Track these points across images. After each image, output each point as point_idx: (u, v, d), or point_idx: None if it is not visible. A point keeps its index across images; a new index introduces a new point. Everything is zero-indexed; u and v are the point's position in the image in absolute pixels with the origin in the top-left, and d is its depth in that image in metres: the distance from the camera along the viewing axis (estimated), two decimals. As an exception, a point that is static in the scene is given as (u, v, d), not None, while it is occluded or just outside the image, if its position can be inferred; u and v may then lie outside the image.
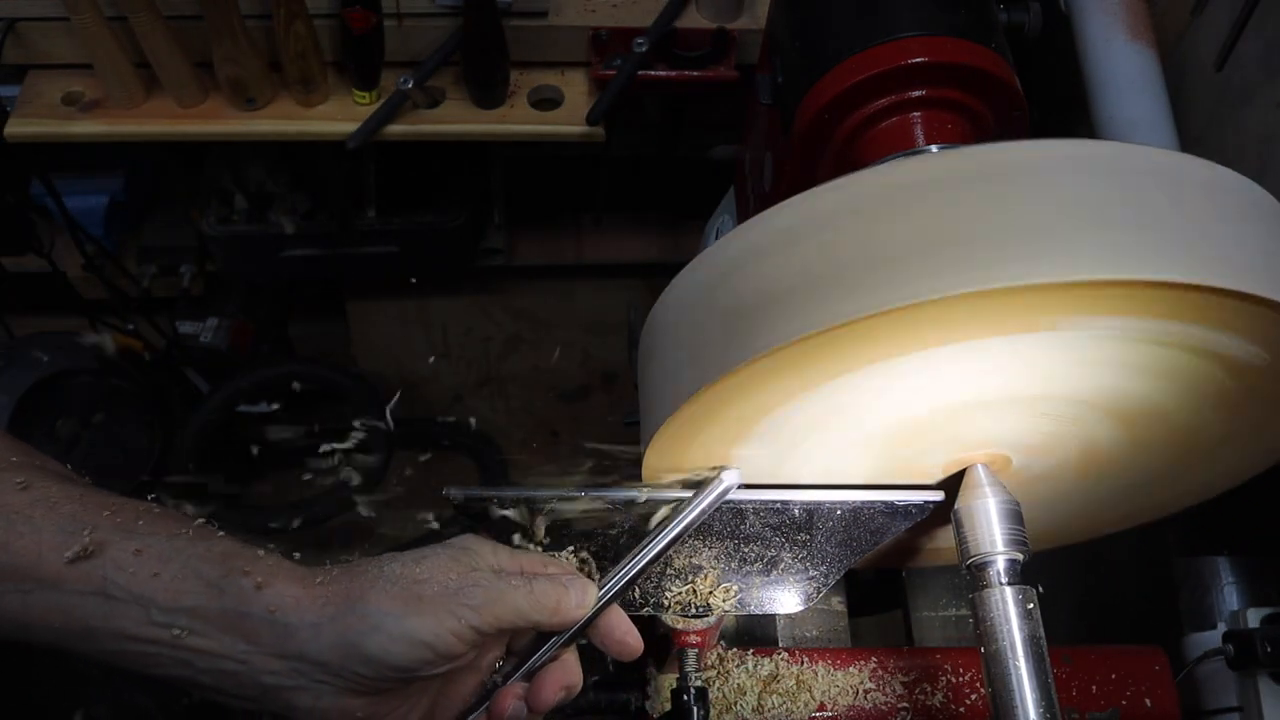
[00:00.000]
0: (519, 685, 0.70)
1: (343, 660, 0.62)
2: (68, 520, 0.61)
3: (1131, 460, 0.77)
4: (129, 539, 0.61)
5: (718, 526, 0.76)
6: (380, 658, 0.62)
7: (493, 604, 0.65)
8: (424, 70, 1.35)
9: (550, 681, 0.70)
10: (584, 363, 2.27)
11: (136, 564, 0.61)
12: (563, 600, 0.68)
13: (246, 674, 0.63)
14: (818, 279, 0.57)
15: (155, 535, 0.62)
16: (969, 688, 0.89)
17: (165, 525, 0.63)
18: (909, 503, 0.76)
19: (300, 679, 0.63)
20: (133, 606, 0.60)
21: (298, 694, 0.63)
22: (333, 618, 0.62)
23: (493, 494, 0.74)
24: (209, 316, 1.93)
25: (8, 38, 1.31)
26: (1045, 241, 0.54)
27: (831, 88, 0.82)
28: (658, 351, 0.68)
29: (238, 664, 0.62)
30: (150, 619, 0.61)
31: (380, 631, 0.62)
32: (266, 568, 0.63)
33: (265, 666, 0.62)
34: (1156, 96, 1.02)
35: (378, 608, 0.63)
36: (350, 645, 0.62)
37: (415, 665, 0.63)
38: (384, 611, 0.62)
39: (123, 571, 0.60)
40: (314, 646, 0.62)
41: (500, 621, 0.66)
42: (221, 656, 0.62)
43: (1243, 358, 0.62)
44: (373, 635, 0.62)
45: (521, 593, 0.66)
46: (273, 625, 0.62)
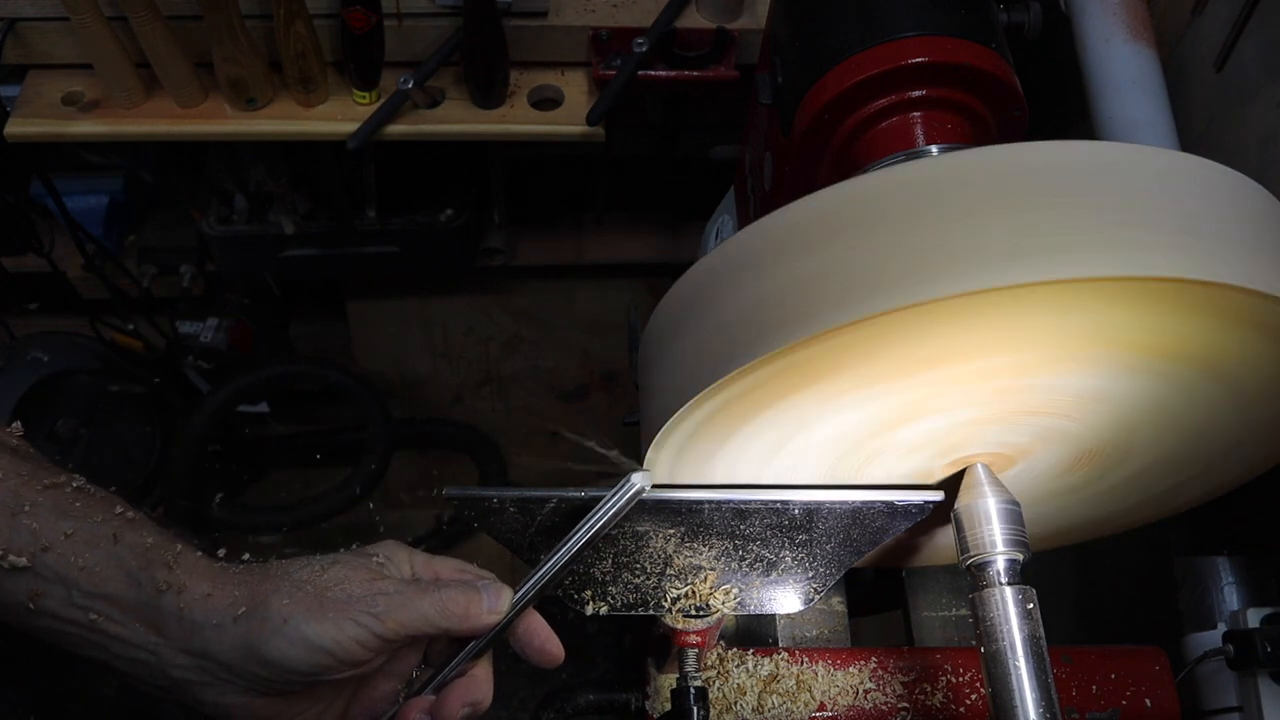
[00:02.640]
0: (426, 699, 0.70)
1: (244, 661, 0.63)
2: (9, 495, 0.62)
3: (1132, 460, 0.77)
4: (62, 520, 0.63)
5: (719, 526, 0.76)
6: (279, 661, 0.63)
7: (397, 611, 0.65)
8: (424, 70, 1.35)
9: (455, 697, 0.69)
10: (584, 363, 2.27)
11: (65, 546, 0.62)
12: (472, 605, 0.68)
13: (156, 665, 0.64)
14: (818, 282, 0.57)
15: (87, 520, 0.64)
16: (969, 688, 0.89)
17: (98, 510, 0.65)
18: (909, 503, 0.76)
19: (205, 675, 0.64)
20: (57, 586, 0.62)
21: (204, 689, 0.65)
22: (236, 619, 0.63)
23: (492, 494, 0.74)
24: (209, 316, 1.93)
25: (8, 38, 1.31)
26: (1045, 240, 0.54)
27: (831, 88, 0.82)
28: (659, 353, 0.68)
29: (148, 654, 0.64)
30: (71, 600, 0.62)
31: (280, 635, 0.63)
32: (184, 563, 0.64)
33: (173, 660, 0.64)
34: (1156, 96, 1.02)
35: (279, 611, 0.63)
36: (251, 647, 0.63)
37: (315, 670, 0.64)
38: (285, 615, 0.63)
39: (50, 552, 0.62)
40: (217, 646, 0.63)
41: (405, 629, 0.66)
42: (134, 646, 0.63)
43: (1244, 357, 0.62)
44: (272, 639, 0.63)
45: (429, 600, 0.66)
46: (181, 621, 0.63)
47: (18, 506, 0.62)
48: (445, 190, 1.82)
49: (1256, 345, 0.61)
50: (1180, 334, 0.60)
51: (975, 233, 0.55)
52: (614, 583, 0.78)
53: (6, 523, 0.62)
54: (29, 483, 0.64)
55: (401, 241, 1.83)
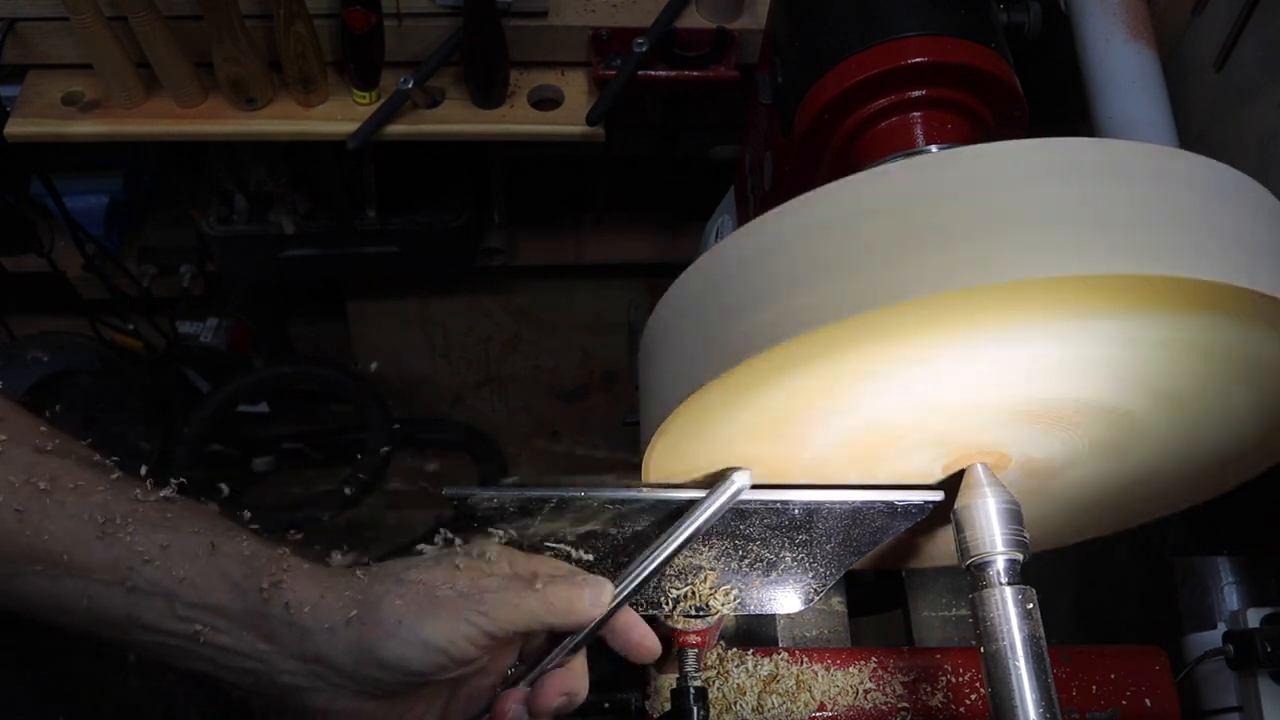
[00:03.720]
0: (521, 690, 0.70)
1: (358, 664, 0.63)
2: (98, 509, 0.61)
3: (1133, 459, 0.77)
4: (155, 532, 0.62)
5: (718, 526, 0.76)
6: (396, 663, 0.63)
7: (505, 607, 0.65)
8: (424, 70, 1.35)
9: (552, 686, 0.70)
10: (584, 363, 2.27)
11: (163, 558, 0.61)
12: (575, 600, 0.68)
13: (265, 673, 0.63)
14: (817, 279, 0.57)
15: (181, 530, 0.63)
16: (969, 688, 0.89)
17: (192, 520, 0.64)
18: (909, 503, 0.76)
19: (317, 680, 0.63)
20: (158, 600, 0.61)
21: (314, 695, 0.64)
22: (349, 622, 0.62)
23: (492, 494, 0.74)
24: (209, 316, 1.93)
25: (8, 38, 1.31)
26: (1043, 237, 0.54)
27: (831, 88, 0.82)
28: (658, 352, 0.68)
29: (257, 663, 0.63)
30: (175, 613, 0.61)
31: (395, 637, 0.62)
32: (288, 569, 0.64)
33: (283, 666, 0.63)
34: (1156, 96, 1.02)
35: (392, 612, 0.63)
36: (366, 650, 0.62)
37: (430, 670, 0.64)
38: (398, 616, 0.63)
39: (149, 565, 0.61)
40: (330, 650, 0.62)
41: (513, 625, 0.66)
42: (242, 655, 0.63)
43: (1246, 357, 0.62)
44: (388, 640, 0.62)
45: (534, 596, 0.67)
46: (291, 627, 0.62)
47: (109, 521, 0.61)
48: (445, 190, 1.82)
49: (1258, 346, 0.61)
50: (1181, 334, 0.60)
51: (975, 230, 0.55)
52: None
53: (99, 538, 0.61)
54: (117, 496, 0.63)
55: (401, 241, 1.83)
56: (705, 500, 0.71)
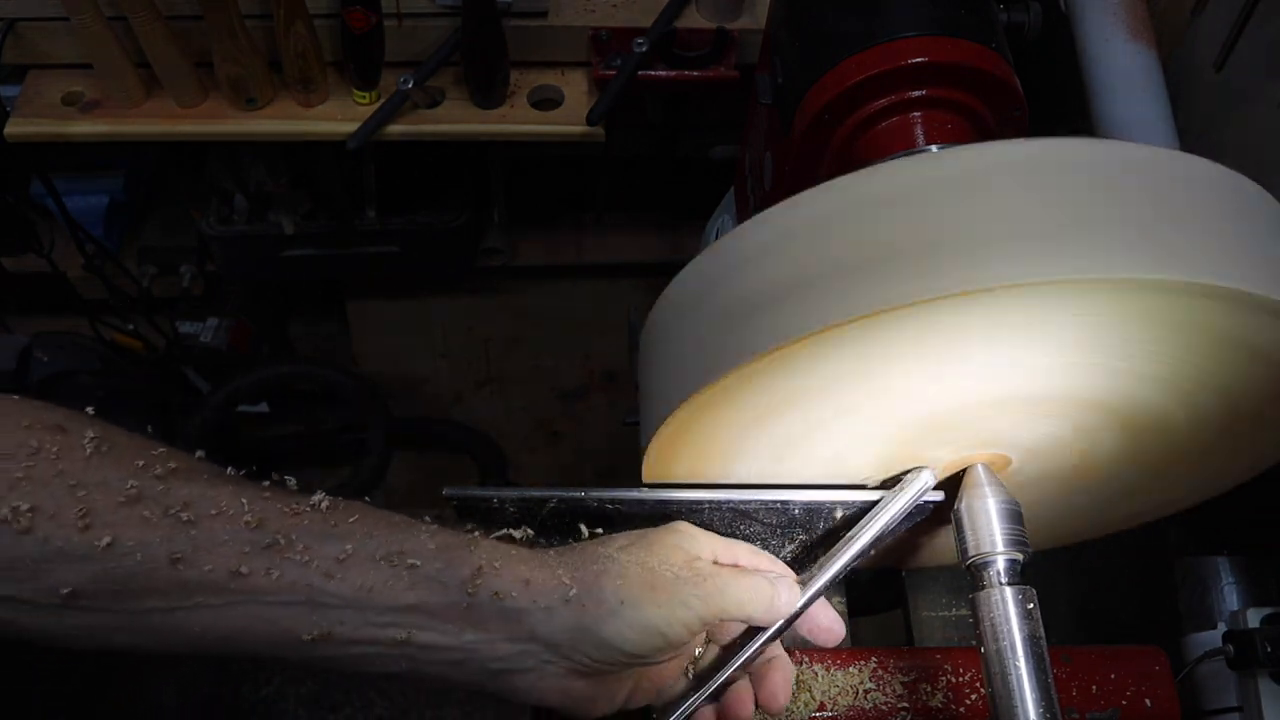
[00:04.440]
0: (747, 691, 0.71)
1: (574, 642, 0.62)
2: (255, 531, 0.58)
3: (1133, 460, 0.77)
4: (327, 543, 0.59)
5: (718, 527, 0.76)
6: (615, 643, 0.62)
7: (718, 596, 0.65)
8: (424, 70, 1.35)
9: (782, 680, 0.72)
10: (584, 363, 2.27)
11: (343, 570, 0.59)
12: (776, 596, 0.69)
13: (473, 661, 0.62)
14: (817, 278, 0.57)
15: (354, 537, 0.60)
16: (969, 688, 0.89)
17: (362, 524, 0.61)
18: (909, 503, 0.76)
19: (529, 660, 0.63)
20: (347, 612, 0.59)
21: (522, 676, 0.63)
22: (567, 601, 0.62)
23: (492, 494, 0.74)
24: (209, 316, 1.93)
25: (8, 38, 1.31)
26: (1044, 240, 0.54)
27: (831, 88, 0.82)
28: (657, 351, 0.68)
29: (465, 653, 0.62)
30: (368, 621, 0.59)
31: (617, 617, 0.62)
32: (488, 554, 0.62)
33: (494, 653, 0.62)
34: (1156, 96, 1.02)
35: (614, 593, 0.62)
36: (585, 629, 0.62)
37: (646, 652, 0.63)
38: (621, 597, 0.62)
39: (331, 579, 0.58)
40: (546, 629, 0.61)
41: (723, 613, 0.66)
42: (448, 649, 0.61)
43: (1246, 356, 0.62)
44: (610, 620, 0.62)
45: (744, 585, 0.67)
46: (502, 611, 0.61)
47: (273, 542, 0.58)
48: (445, 190, 1.82)
49: (1259, 348, 0.61)
50: (1181, 335, 0.60)
51: (974, 232, 0.55)
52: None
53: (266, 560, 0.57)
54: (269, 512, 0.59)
55: (401, 241, 1.83)
56: (889, 501, 0.73)
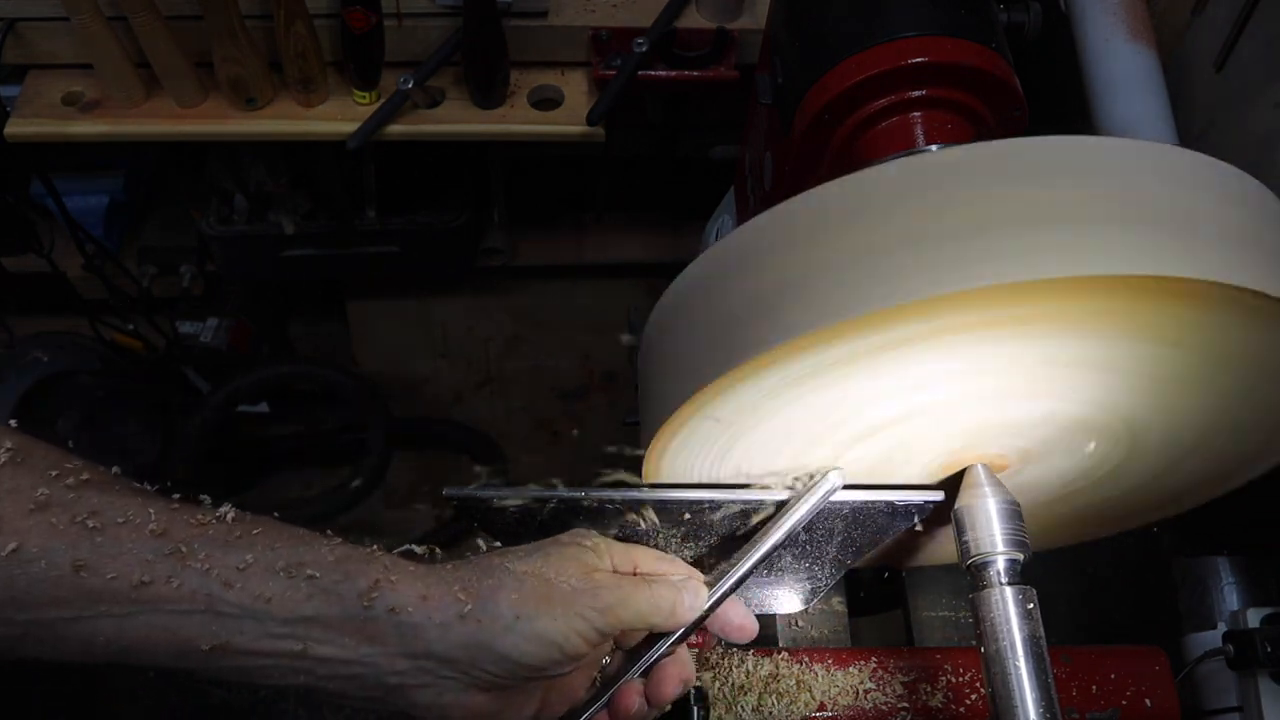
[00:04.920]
0: (638, 682, 0.71)
1: (471, 658, 0.62)
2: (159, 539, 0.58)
3: (1133, 459, 0.77)
4: (229, 553, 0.59)
5: (719, 528, 0.76)
6: (512, 656, 0.62)
7: (617, 607, 0.65)
8: (424, 70, 1.34)
9: (669, 676, 0.71)
10: (584, 363, 2.27)
11: (244, 579, 0.59)
12: (678, 604, 0.69)
13: (371, 676, 0.62)
14: (815, 279, 0.57)
15: (255, 548, 0.60)
16: (969, 688, 0.89)
17: (265, 535, 0.62)
18: (909, 502, 0.76)
19: (426, 677, 0.63)
20: (247, 622, 0.59)
21: (421, 691, 0.63)
22: (462, 616, 0.62)
23: (492, 494, 0.74)
24: (209, 316, 1.93)
25: (8, 38, 1.31)
26: (1043, 238, 0.54)
27: (831, 88, 0.82)
28: (657, 351, 0.68)
29: (363, 667, 0.62)
30: (267, 632, 0.59)
31: (513, 632, 0.62)
32: (385, 569, 0.62)
33: (391, 667, 0.62)
34: (1156, 96, 1.02)
35: (509, 607, 0.62)
36: (481, 644, 0.62)
37: (544, 664, 0.64)
38: (515, 610, 0.62)
39: (230, 588, 0.58)
40: (442, 645, 0.62)
41: (622, 623, 0.66)
42: (345, 662, 0.61)
43: (1247, 359, 0.62)
44: (505, 635, 0.62)
45: (643, 596, 0.67)
46: (398, 626, 0.61)
47: (175, 551, 0.58)
48: (445, 190, 1.82)
49: (1258, 347, 0.61)
50: (1182, 334, 0.60)
51: (975, 231, 0.55)
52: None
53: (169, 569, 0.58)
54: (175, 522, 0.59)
55: (401, 241, 1.83)
56: (798, 501, 0.72)
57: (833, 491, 0.72)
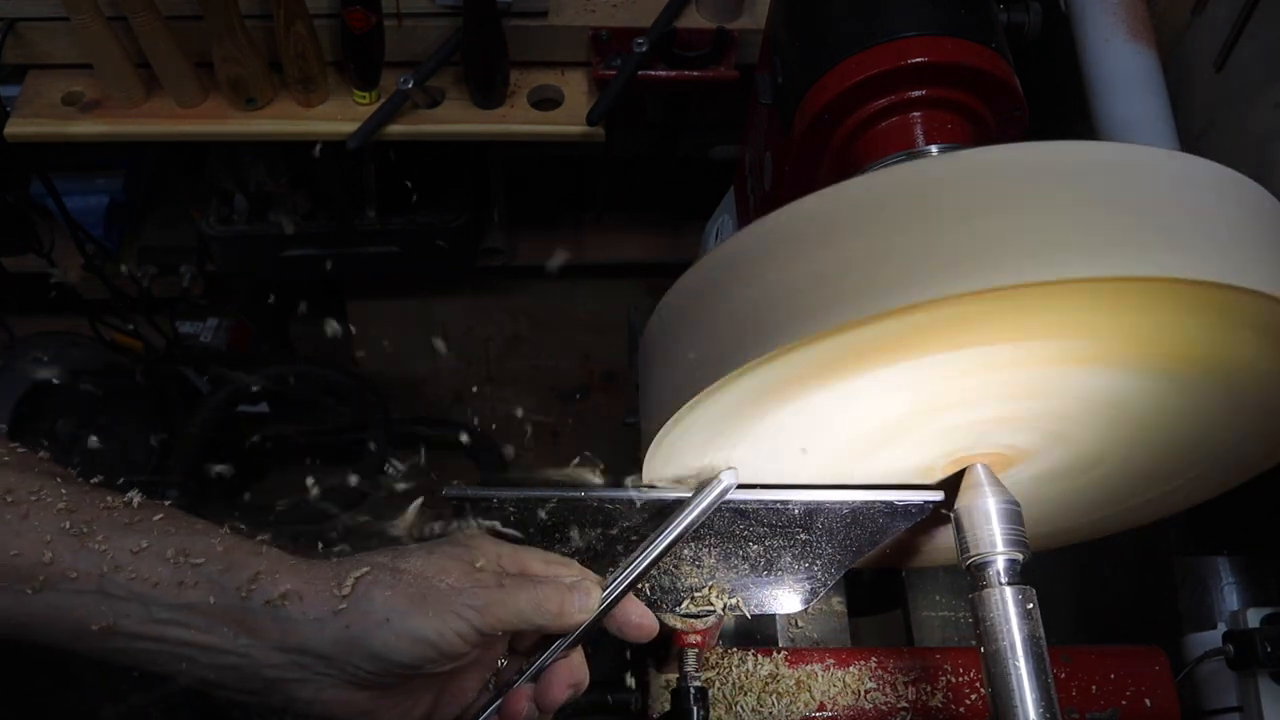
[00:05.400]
0: (528, 686, 0.71)
1: (345, 654, 0.63)
2: (65, 518, 0.60)
3: (1133, 459, 0.77)
4: (127, 537, 0.61)
5: (719, 527, 0.76)
6: (384, 654, 0.63)
7: (496, 606, 0.65)
8: (424, 70, 1.34)
9: (558, 681, 0.70)
10: (584, 363, 2.27)
11: (135, 562, 0.61)
12: (566, 604, 0.68)
13: (249, 667, 0.63)
14: (818, 281, 0.57)
15: (152, 533, 0.62)
16: (969, 688, 0.89)
17: (164, 523, 0.63)
18: (909, 503, 0.76)
19: (302, 672, 0.63)
20: (133, 604, 0.60)
21: (299, 686, 0.64)
22: (337, 612, 0.62)
23: (492, 494, 0.74)
24: (209, 316, 1.93)
25: (8, 38, 1.31)
26: (1043, 240, 0.54)
27: (831, 88, 0.82)
28: (658, 352, 0.68)
29: (240, 658, 0.63)
30: (151, 616, 0.61)
31: (385, 628, 0.62)
32: (268, 562, 0.63)
33: (267, 660, 0.63)
34: (1156, 96, 1.02)
35: (383, 604, 0.63)
36: (354, 640, 0.62)
37: (418, 663, 0.64)
38: (389, 608, 0.63)
39: (122, 570, 0.60)
40: (317, 640, 0.62)
41: (503, 624, 0.66)
42: (224, 651, 0.62)
43: (1245, 357, 0.62)
44: (377, 631, 0.62)
45: (525, 596, 0.67)
46: (275, 619, 0.62)
47: (77, 530, 0.60)
48: (445, 190, 1.82)
49: (1257, 346, 0.61)
50: (1182, 334, 0.60)
51: (977, 231, 0.55)
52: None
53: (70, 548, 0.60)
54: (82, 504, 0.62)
55: (401, 241, 1.83)
56: (693, 500, 0.72)
57: (727, 491, 0.71)
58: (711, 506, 0.72)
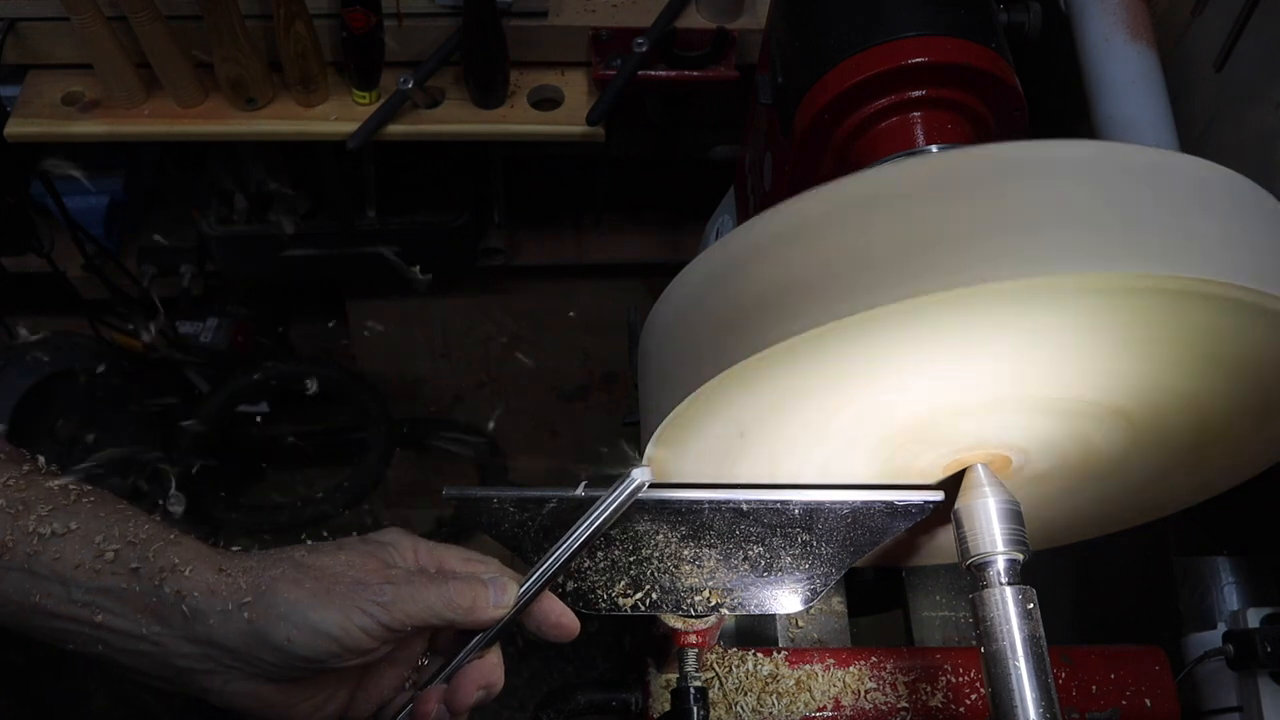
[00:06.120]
0: (439, 688, 0.70)
1: (250, 647, 0.63)
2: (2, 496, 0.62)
3: (1132, 459, 0.77)
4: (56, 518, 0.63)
5: (719, 526, 0.76)
6: (285, 647, 0.63)
7: (403, 602, 0.65)
8: (424, 70, 1.35)
9: (468, 681, 0.70)
10: (584, 363, 2.27)
11: (61, 544, 0.62)
12: (478, 599, 0.68)
13: (160, 655, 0.64)
14: (815, 278, 0.57)
15: (81, 515, 0.64)
16: (969, 688, 0.89)
17: (94, 507, 0.65)
18: (909, 503, 0.76)
19: (211, 663, 0.64)
20: (54, 584, 0.62)
21: (209, 677, 0.65)
22: (241, 605, 0.63)
23: (492, 494, 0.74)
24: (209, 316, 1.93)
25: (8, 38, 1.31)
26: (1042, 240, 0.54)
27: (831, 88, 0.82)
28: (657, 351, 0.68)
29: (151, 645, 0.64)
30: (70, 597, 0.62)
31: (286, 621, 0.63)
32: (184, 553, 0.64)
33: (177, 650, 0.64)
34: (1156, 96, 1.02)
35: (285, 597, 0.63)
36: (257, 633, 0.63)
37: (321, 657, 0.64)
38: (291, 601, 0.63)
39: (47, 551, 0.62)
40: (222, 632, 0.63)
41: (410, 619, 0.66)
42: (136, 637, 0.63)
43: (1244, 354, 0.62)
44: (278, 624, 0.63)
45: (434, 591, 0.66)
46: (185, 609, 0.63)
47: (10, 508, 0.62)
48: (445, 190, 1.82)
49: (1257, 345, 0.61)
50: (1182, 334, 0.60)
51: (973, 232, 0.55)
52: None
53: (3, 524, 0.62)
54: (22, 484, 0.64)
55: (401, 241, 1.83)
56: (604, 497, 0.71)
57: (639, 490, 0.71)
58: (623, 506, 0.71)
